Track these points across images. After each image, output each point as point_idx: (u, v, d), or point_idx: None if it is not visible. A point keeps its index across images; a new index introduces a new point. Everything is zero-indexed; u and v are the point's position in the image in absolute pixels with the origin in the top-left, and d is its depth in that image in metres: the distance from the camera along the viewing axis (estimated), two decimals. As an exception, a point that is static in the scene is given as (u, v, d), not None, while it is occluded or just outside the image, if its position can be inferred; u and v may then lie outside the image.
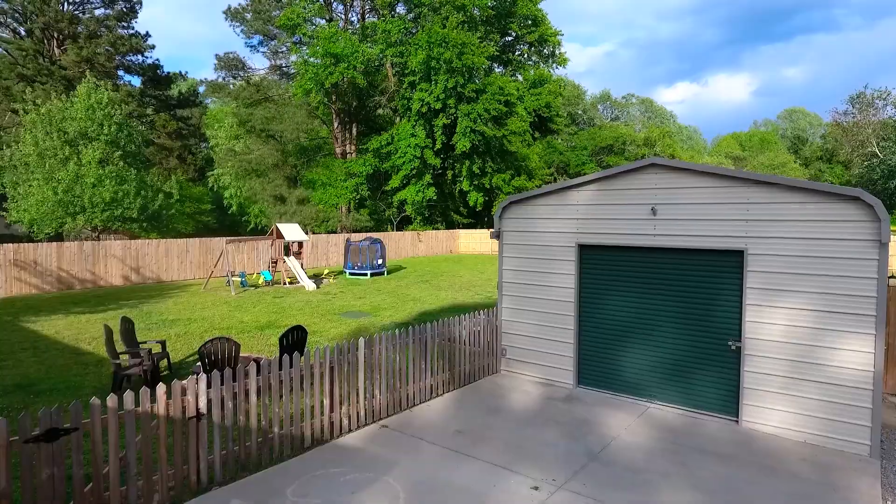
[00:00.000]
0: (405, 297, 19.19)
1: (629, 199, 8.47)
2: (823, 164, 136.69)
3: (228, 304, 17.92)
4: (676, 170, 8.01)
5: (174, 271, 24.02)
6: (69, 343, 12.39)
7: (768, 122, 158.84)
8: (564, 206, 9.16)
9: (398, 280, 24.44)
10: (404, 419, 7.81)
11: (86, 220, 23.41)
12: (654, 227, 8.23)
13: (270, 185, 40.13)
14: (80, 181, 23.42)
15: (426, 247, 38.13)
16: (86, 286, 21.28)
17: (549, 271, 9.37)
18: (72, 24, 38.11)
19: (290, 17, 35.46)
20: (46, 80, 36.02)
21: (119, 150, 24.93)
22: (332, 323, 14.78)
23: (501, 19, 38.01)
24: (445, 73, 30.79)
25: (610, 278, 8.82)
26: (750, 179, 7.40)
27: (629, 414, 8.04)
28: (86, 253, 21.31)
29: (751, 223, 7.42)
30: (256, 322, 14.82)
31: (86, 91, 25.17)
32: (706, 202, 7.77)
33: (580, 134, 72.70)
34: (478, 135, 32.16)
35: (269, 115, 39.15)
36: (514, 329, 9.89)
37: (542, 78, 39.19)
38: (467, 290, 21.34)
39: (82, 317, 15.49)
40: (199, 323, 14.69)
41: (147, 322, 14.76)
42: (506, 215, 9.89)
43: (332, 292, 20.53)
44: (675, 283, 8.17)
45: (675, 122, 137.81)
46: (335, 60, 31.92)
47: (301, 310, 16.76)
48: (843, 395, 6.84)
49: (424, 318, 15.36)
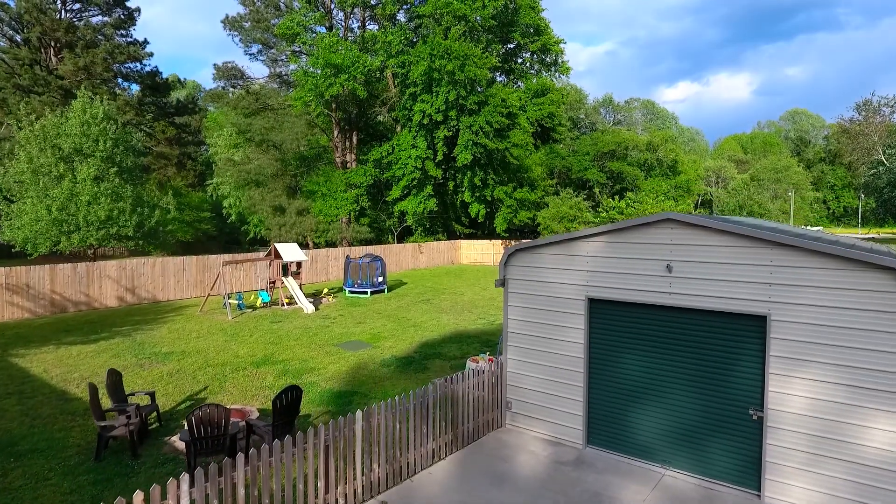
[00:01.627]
0: (406, 323, 18.73)
1: (643, 254, 8.00)
2: (826, 167, 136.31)
3: (224, 331, 17.47)
4: (694, 226, 7.53)
5: (171, 290, 23.57)
6: (57, 385, 11.93)
7: (771, 124, 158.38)
8: (573, 257, 8.69)
9: (399, 299, 23.98)
10: (405, 493, 7.34)
11: (80, 238, 22.97)
12: (670, 285, 7.76)
13: (270, 195, 39.66)
14: (74, 199, 22.97)
15: (427, 258, 37.68)
16: (80, 309, 20.84)
17: (557, 324, 8.90)
18: (68, 33, 37.65)
19: (289, 25, 34.99)
20: (43, 90, 35.60)
21: (115, 167, 24.49)
22: (330, 357, 14.32)
23: (503, 28, 37.52)
24: (447, 85, 30.31)
25: (622, 334, 8.35)
26: (773, 242, 6.93)
27: (643, 485, 7.57)
28: (80, 275, 20.87)
29: (775, 287, 6.95)
30: (252, 356, 14.36)
31: (81, 106, 24.72)
32: (726, 262, 7.30)
33: (582, 139, 72.12)
34: (480, 147, 31.69)
35: (268, 125, 38.67)
36: (519, 381, 9.43)
37: (544, 87, 38.67)
38: (469, 311, 20.88)
39: (73, 349, 15.04)
40: (194, 357, 14.23)
41: (139, 355, 14.31)
42: (511, 262, 9.42)
43: (330, 315, 20.07)
44: (692, 345, 7.70)
45: (677, 125, 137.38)
46: (335, 71, 31.45)
47: (298, 339, 16.31)
48: (873, 476, 6.37)
49: (426, 350, 14.91)
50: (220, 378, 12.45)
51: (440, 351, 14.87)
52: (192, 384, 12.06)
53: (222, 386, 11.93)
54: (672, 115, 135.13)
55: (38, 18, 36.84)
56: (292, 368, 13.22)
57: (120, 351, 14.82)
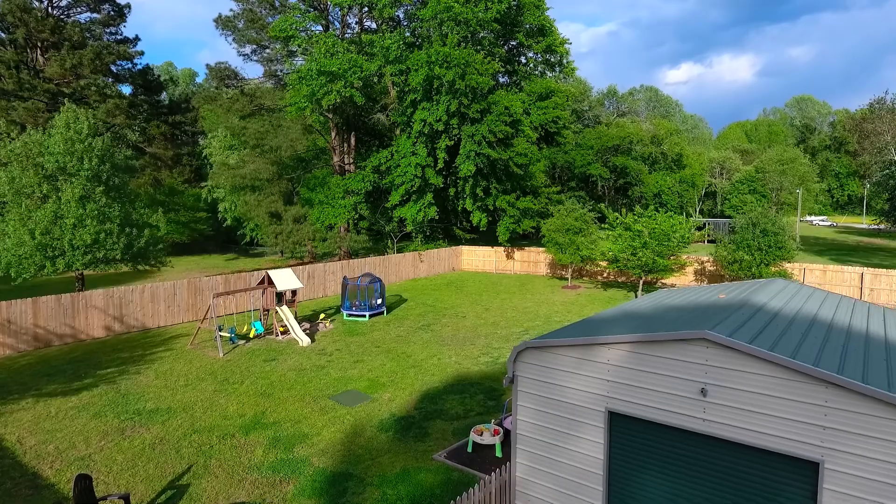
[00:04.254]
0: (405, 361, 17.83)
1: (673, 371, 7.05)
2: (831, 154, 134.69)
3: (214, 374, 16.59)
4: (733, 350, 6.57)
5: (161, 317, 22.68)
6: (29, 463, 11.07)
7: (776, 111, 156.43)
8: (592, 363, 7.74)
9: (398, 323, 23.08)
10: None
11: (66, 263, 22.01)
12: (704, 411, 6.83)
13: (266, 200, 38.57)
14: (59, 222, 21.95)
15: (428, 266, 36.73)
16: (65, 342, 19.96)
17: (572, 433, 7.99)
18: (55, 34, 36.23)
19: (283, 27, 33.58)
20: (29, 94, 34.32)
21: (101, 185, 23.41)
22: (324, 416, 13.44)
23: (507, 28, 36.05)
24: (447, 94, 29.05)
25: (647, 457, 7.43)
26: (829, 382, 5.98)
27: None
28: (64, 306, 19.96)
29: (829, 431, 6.02)
30: (241, 415, 13.48)
31: (64, 121, 23.56)
32: (772, 394, 6.35)
33: (586, 132, 70.79)
34: (482, 157, 30.52)
35: (263, 128, 37.42)
36: (530, 489, 8.55)
37: (549, 90, 37.32)
38: (472, 343, 19.99)
39: (53, 404, 14.18)
40: (180, 417, 13.36)
41: (122, 415, 13.44)
42: (522, 359, 8.48)
43: (327, 350, 19.18)
44: (727, 479, 6.79)
45: (680, 112, 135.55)
46: (331, 78, 30.17)
47: (291, 387, 15.43)
48: None
49: (427, 406, 14.03)
50: (206, 452, 11.58)
51: (442, 407, 13.99)
52: (176, 461, 11.20)
53: (207, 465, 11.06)
54: (676, 103, 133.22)
55: (22, 18, 35.40)
56: (284, 435, 12.36)
57: (102, 408, 13.96)
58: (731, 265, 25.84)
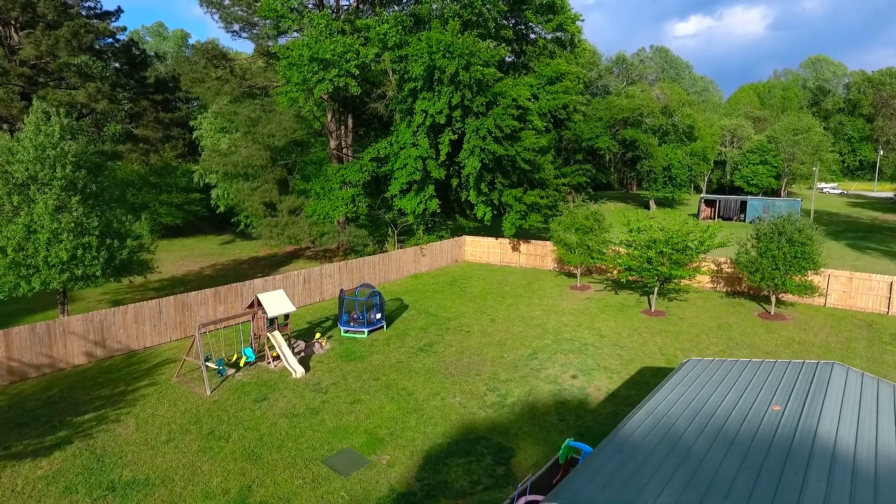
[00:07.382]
0: (406, 404, 16.53)
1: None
2: (844, 117, 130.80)
3: (200, 424, 15.34)
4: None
5: (147, 337, 21.35)
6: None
7: (788, 72, 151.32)
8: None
9: (398, 343, 21.76)
10: None
11: (42, 282, 20.54)
12: None
13: (259, 189, 36.72)
14: (32, 237, 20.35)
15: (430, 260, 35.22)
16: (42, 373, 18.68)
17: None
18: (26, 11, 33.63)
19: (273, 5, 30.97)
20: (2, 79, 32.09)
21: (77, 194, 21.66)
22: (316, 493, 12.21)
23: (514, 5, 33.24)
24: (450, 86, 26.80)
25: None
26: None
27: None
28: (39, 336, 18.59)
29: None
30: (225, 493, 12.24)
31: (34, 124, 21.63)
32: None
33: (594, 103, 67.92)
34: (488, 153, 28.50)
35: (255, 114, 35.21)
36: None
37: (559, 73, 34.83)
38: (477, 374, 18.70)
39: (19, 472, 12.95)
40: (158, 493, 12.14)
41: (94, 489, 12.23)
42: (543, 517, 7.08)
43: (322, 385, 17.89)
44: None
45: (690, 74, 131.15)
46: (324, 65, 27.87)
47: (281, 446, 14.17)
48: None
49: (429, 476, 12.77)
50: (183, 554, 10.39)
51: (446, 478, 12.74)
52: (148, 569, 10.01)
53: (183, 576, 9.87)
54: (686, 64, 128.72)
55: (-10, -6, 32.80)
56: (271, 525, 11.16)
57: (73, 478, 12.73)
58: (754, 274, 24.33)
